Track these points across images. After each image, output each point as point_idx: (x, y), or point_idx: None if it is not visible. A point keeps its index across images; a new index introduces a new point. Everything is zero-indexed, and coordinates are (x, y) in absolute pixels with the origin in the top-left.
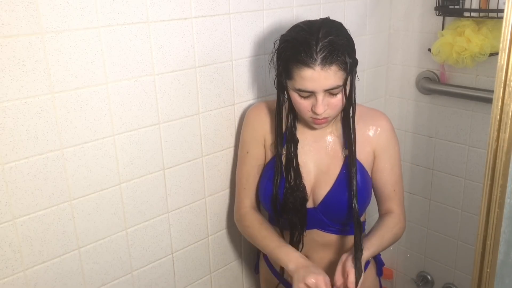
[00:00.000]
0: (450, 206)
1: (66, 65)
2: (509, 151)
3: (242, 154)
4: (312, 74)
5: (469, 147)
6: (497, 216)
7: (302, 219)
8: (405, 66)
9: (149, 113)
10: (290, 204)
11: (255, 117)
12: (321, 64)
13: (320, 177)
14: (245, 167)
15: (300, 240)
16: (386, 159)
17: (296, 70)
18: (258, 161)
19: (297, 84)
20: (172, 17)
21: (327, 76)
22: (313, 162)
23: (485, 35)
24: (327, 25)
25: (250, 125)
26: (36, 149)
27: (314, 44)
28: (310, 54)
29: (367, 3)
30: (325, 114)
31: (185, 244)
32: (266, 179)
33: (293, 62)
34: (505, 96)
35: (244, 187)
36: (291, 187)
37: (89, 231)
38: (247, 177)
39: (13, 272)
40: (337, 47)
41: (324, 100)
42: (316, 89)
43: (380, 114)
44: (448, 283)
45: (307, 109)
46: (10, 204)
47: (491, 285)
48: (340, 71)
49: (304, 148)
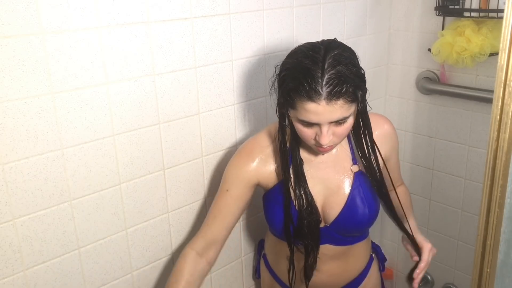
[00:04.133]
0: (450, 206)
1: (66, 65)
2: (509, 151)
3: (222, 190)
4: (317, 108)
5: (469, 147)
6: (497, 216)
7: (316, 241)
8: (405, 66)
9: (149, 113)
10: (305, 228)
11: (248, 159)
12: (327, 99)
13: (330, 197)
14: (218, 204)
15: (315, 262)
16: (393, 157)
17: (299, 102)
18: (237, 202)
19: (300, 115)
20: (172, 17)
21: (333, 110)
22: (322, 183)
23: (485, 35)
24: (333, 52)
25: (241, 166)
26: (36, 149)
27: (320, 76)
28: (315, 87)
29: (367, 3)
30: (330, 143)
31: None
32: (275, 205)
33: (296, 94)
34: (505, 96)
35: (207, 224)
36: (304, 212)
37: (89, 231)
38: (217, 214)
39: (13, 272)
40: (346, 79)
41: (329, 130)
42: (320, 121)
43: (378, 118)
44: (448, 283)
45: (311, 138)
46: (10, 204)
47: (491, 285)
48: (347, 103)
49: (311, 171)
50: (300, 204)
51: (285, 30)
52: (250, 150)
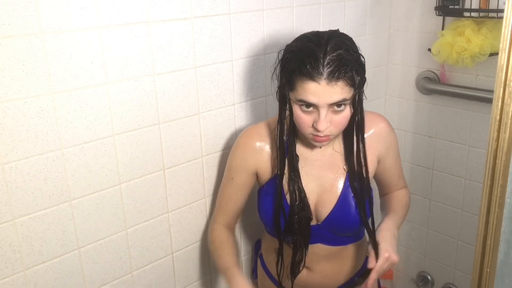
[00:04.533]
0: (450, 206)
1: (66, 65)
2: (509, 151)
3: (227, 178)
4: (317, 88)
5: (469, 147)
6: (497, 216)
7: (305, 238)
8: (405, 66)
9: (149, 113)
10: (295, 224)
11: (246, 146)
12: (327, 79)
13: (323, 194)
14: (227, 191)
15: (302, 260)
16: (390, 158)
17: (300, 82)
18: (242, 188)
19: (300, 95)
20: (172, 17)
21: (332, 91)
22: (316, 180)
23: (485, 35)
24: (336, 38)
25: (240, 153)
26: (36, 149)
27: (322, 57)
28: (317, 67)
29: (367, 3)
30: (327, 131)
31: (185, 244)
32: (268, 197)
33: (297, 74)
34: (505, 96)
35: (222, 207)
36: (296, 207)
37: (89, 231)
38: (227, 200)
39: (13, 272)
40: (346, 62)
41: (327, 116)
42: (319, 102)
43: (375, 116)
44: (448, 283)
45: (308, 125)
46: (10, 204)
47: (491, 285)
48: (347, 86)
49: (306, 168)
50: (293, 199)
51: (285, 30)
52: (250, 136)
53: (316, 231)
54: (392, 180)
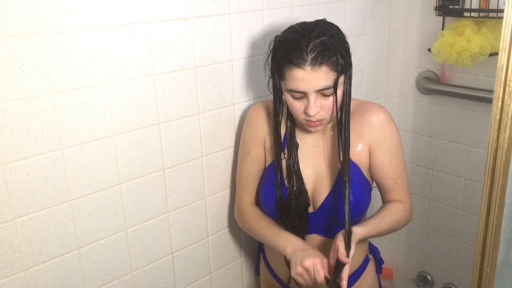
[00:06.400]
0: (450, 206)
1: (66, 65)
2: (509, 151)
3: (243, 154)
4: (303, 74)
5: (469, 147)
6: (497, 216)
7: (304, 224)
8: (405, 66)
9: (149, 113)
10: (293, 209)
11: (256, 117)
12: (311, 64)
13: (318, 182)
14: (245, 167)
15: None
16: (382, 152)
17: (288, 70)
18: (259, 162)
19: (289, 84)
20: (172, 17)
21: (318, 76)
22: (312, 167)
23: (485, 35)
24: (321, 26)
25: (252, 125)
26: (36, 149)
27: (305, 44)
28: (301, 54)
29: (367, 3)
30: (319, 116)
31: (185, 244)
32: (268, 182)
33: (284, 62)
34: (505, 96)
35: (244, 186)
36: (294, 193)
37: (89, 231)
38: (247, 176)
39: (13, 272)
40: (329, 47)
41: (316, 101)
42: (307, 89)
43: (373, 106)
44: (448, 283)
45: (300, 111)
46: (10, 204)
47: (491, 285)
48: (332, 71)
49: (303, 154)
50: (291, 184)
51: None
52: (259, 109)
53: (312, 219)
54: (386, 183)
